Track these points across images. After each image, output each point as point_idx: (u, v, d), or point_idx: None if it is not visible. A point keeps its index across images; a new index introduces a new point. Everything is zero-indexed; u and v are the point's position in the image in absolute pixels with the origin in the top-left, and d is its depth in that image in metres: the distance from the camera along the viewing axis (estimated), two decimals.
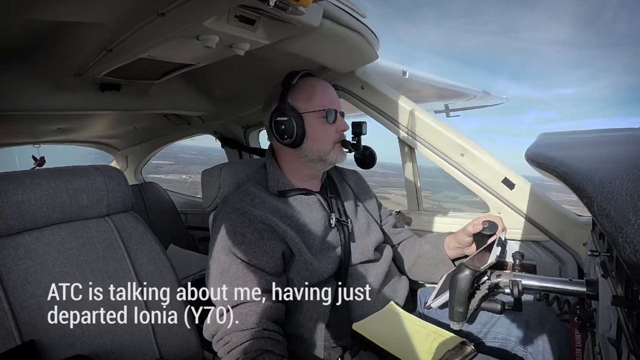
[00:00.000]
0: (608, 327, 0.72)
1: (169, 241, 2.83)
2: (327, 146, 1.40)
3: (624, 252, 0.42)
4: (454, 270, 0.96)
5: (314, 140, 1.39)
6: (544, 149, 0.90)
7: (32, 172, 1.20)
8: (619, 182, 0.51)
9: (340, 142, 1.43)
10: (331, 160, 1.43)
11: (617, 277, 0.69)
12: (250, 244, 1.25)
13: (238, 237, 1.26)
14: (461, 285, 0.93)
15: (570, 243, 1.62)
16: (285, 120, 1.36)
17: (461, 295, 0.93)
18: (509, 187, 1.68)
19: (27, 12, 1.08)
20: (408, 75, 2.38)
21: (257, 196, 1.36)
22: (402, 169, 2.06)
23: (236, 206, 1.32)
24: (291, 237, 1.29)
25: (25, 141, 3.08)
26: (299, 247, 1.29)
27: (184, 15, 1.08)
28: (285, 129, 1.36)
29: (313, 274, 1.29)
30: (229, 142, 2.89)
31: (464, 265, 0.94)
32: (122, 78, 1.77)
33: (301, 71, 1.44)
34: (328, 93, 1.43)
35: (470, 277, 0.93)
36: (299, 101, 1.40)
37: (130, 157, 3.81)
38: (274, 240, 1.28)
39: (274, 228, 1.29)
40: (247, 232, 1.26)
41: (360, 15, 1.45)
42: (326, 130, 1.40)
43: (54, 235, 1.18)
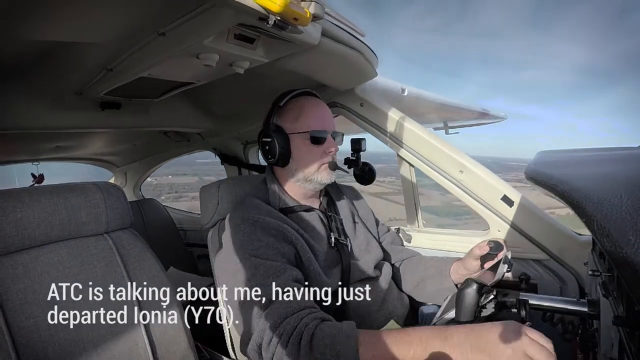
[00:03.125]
0: (610, 347, 0.71)
1: (168, 259, 2.81)
2: (312, 167, 1.40)
3: (624, 272, 0.41)
4: (461, 286, 0.95)
5: (299, 161, 1.40)
6: (543, 167, 0.90)
7: (31, 189, 1.19)
8: (618, 201, 0.50)
9: (328, 164, 1.42)
10: (318, 181, 1.42)
11: (619, 297, 0.69)
12: (269, 245, 1.22)
13: (255, 243, 1.23)
14: (468, 300, 0.92)
15: (570, 262, 1.61)
16: (269, 141, 1.38)
17: (467, 310, 0.92)
18: (509, 205, 1.68)
19: (28, 32, 1.08)
20: (407, 93, 2.39)
21: (264, 208, 1.36)
22: (401, 184, 2.06)
23: (245, 217, 1.30)
24: (302, 245, 1.28)
25: (24, 159, 3.08)
26: (308, 257, 1.28)
27: (184, 35, 1.08)
28: (269, 150, 1.38)
29: (322, 284, 1.25)
30: (229, 159, 2.89)
31: (471, 280, 0.94)
32: (122, 97, 1.78)
33: (295, 90, 1.45)
34: (317, 114, 1.42)
35: (477, 290, 0.92)
36: (286, 122, 1.40)
37: (130, 174, 3.81)
38: (287, 243, 1.26)
39: (285, 234, 1.27)
40: (263, 236, 1.24)
41: (359, 33, 1.46)
42: (312, 152, 1.39)
43: (53, 254, 1.17)
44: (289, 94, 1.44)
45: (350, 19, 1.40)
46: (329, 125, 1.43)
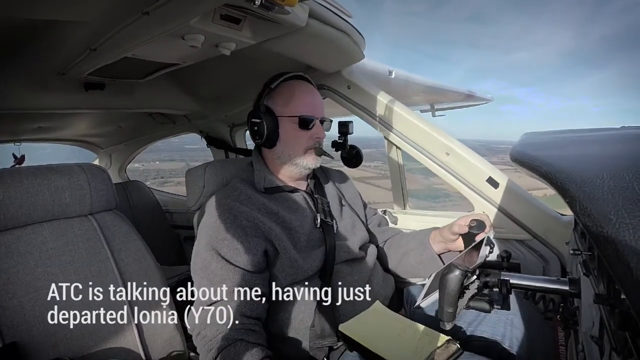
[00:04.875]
0: (591, 324, 0.73)
1: (154, 240, 2.79)
2: (298, 152, 1.41)
3: (605, 250, 0.42)
4: (444, 271, 0.95)
5: (286, 144, 1.41)
6: (527, 148, 0.90)
7: (13, 170, 1.18)
8: (600, 182, 0.51)
9: (314, 149, 1.43)
10: (303, 165, 1.43)
11: (599, 276, 0.70)
12: (232, 240, 1.25)
13: (221, 233, 1.26)
14: (451, 286, 0.93)
15: (553, 242, 1.64)
16: (258, 122, 1.38)
17: (451, 296, 0.93)
18: (494, 186, 1.70)
19: (9, 10, 1.06)
20: (394, 75, 2.39)
21: (244, 192, 1.37)
22: (386, 169, 2.07)
23: (221, 202, 1.32)
24: (276, 234, 1.29)
25: (5, 139, 3.02)
26: (284, 245, 1.29)
27: (169, 14, 1.07)
28: (257, 130, 1.39)
29: (298, 271, 1.29)
30: (215, 142, 2.87)
31: (454, 266, 0.94)
32: (106, 77, 1.75)
33: (288, 73, 1.44)
34: (307, 99, 1.43)
35: (460, 277, 0.92)
36: (277, 104, 1.41)
37: (114, 156, 3.76)
38: (257, 237, 1.28)
39: (258, 225, 1.29)
40: (231, 228, 1.27)
41: (346, 15, 1.45)
42: (299, 136, 1.41)
43: (36, 235, 1.16)
44: (282, 76, 1.43)
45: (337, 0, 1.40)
46: (318, 111, 1.44)
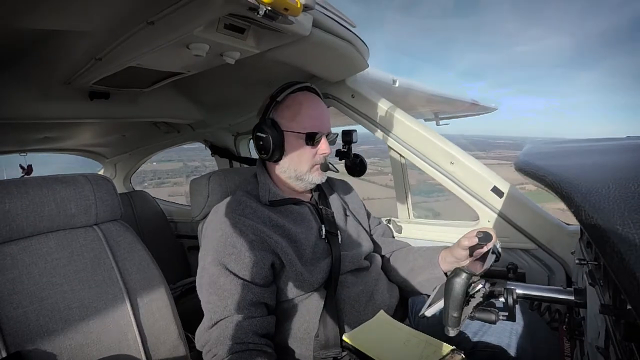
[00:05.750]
0: (596, 335, 0.72)
1: (158, 250, 2.80)
2: (304, 167, 1.40)
3: (611, 261, 0.42)
4: (450, 275, 0.95)
5: (291, 159, 1.40)
6: (532, 158, 0.90)
7: (19, 180, 1.18)
8: (606, 192, 0.51)
9: (320, 165, 1.42)
10: (309, 181, 1.43)
11: (605, 286, 0.70)
12: (240, 254, 1.24)
13: (228, 248, 1.25)
14: (457, 289, 0.92)
15: (558, 251, 1.63)
16: (263, 137, 1.36)
17: (456, 300, 0.92)
18: (498, 196, 1.69)
19: (15, 20, 1.06)
20: (398, 84, 2.39)
21: (249, 206, 1.35)
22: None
23: (227, 216, 1.31)
24: (282, 247, 1.28)
25: (11, 150, 3.04)
26: (290, 258, 1.28)
27: (173, 24, 1.07)
28: (263, 145, 1.37)
29: (303, 284, 1.28)
30: (219, 151, 2.88)
31: (460, 269, 0.94)
32: (111, 86, 1.76)
33: (294, 85, 1.42)
34: (314, 113, 1.40)
35: (466, 280, 0.92)
36: (283, 118, 1.39)
37: (119, 165, 3.78)
38: (264, 251, 1.26)
39: (264, 239, 1.27)
40: (237, 242, 1.25)
41: (350, 24, 1.45)
42: (305, 152, 1.39)
43: (41, 245, 1.16)
44: (288, 88, 1.41)
45: (341, 10, 1.40)
46: (325, 125, 1.42)
